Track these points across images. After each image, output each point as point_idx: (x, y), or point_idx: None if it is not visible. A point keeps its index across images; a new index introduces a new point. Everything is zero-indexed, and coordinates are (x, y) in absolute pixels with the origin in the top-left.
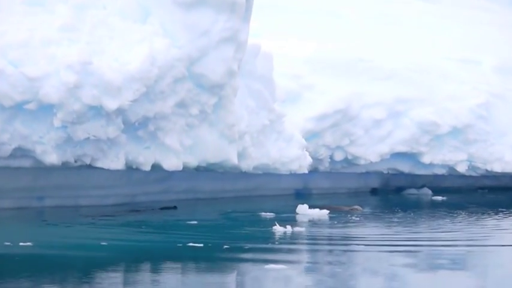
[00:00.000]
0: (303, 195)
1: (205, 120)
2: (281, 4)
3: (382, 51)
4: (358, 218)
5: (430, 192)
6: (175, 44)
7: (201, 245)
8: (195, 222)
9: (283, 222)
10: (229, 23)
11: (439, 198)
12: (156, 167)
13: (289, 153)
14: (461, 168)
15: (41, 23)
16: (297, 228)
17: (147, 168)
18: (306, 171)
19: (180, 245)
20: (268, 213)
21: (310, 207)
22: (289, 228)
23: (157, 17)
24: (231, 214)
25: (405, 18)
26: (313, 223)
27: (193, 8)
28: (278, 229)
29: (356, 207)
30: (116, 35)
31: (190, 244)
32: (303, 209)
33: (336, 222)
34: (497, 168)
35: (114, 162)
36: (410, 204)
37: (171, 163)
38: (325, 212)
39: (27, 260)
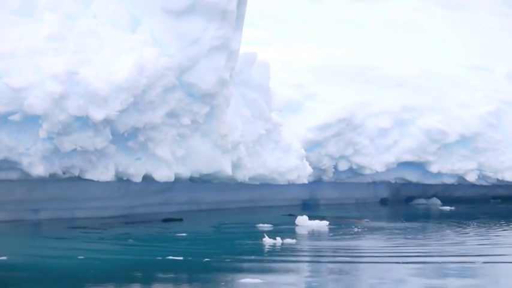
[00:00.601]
0: (309, 206)
1: (198, 130)
2: (293, 12)
3: (391, 59)
4: (359, 230)
5: (439, 202)
6: (165, 52)
7: (181, 258)
8: (185, 234)
9: (281, 234)
10: (220, 31)
11: (447, 208)
12: (150, 178)
13: (287, 163)
14: (471, 178)
15: (28, 33)
16: (287, 240)
17: (138, 179)
18: (306, 182)
19: (160, 258)
20: (266, 225)
21: (316, 218)
22: (279, 240)
23: (148, 25)
24: (227, 226)
25: (418, 25)
26: (310, 235)
27: (183, 16)
28: (267, 241)
29: (366, 220)
30: (105, 44)
31: (170, 257)
32: (302, 221)
33: (332, 234)
34: (509, 177)
35: (104, 173)
36: (417, 215)
37: (163, 174)
38: (325, 223)
39: None
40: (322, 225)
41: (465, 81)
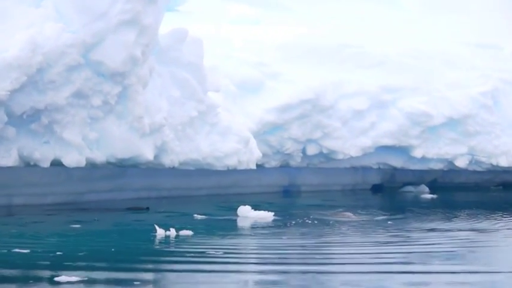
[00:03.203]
0: (290, 193)
1: (111, 112)
2: None
3: (378, 37)
4: (310, 222)
5: (427, 189)
6: (68, 28)
7: (27, 251)
8: (78, 226)
9: (218, 226)
10: (129, 5)
11: (429, 196)
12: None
13: (224, 147)
14: (461, 163)
15: None
16: (184, 232)
17: (46, 164)
18: (254, 167)
19: (5, 251)
20: (201, 216)
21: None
22: (173, 232)
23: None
24: (148, 216)
25: (432, 3)
26: (240, 228)
27: None
28: (160, 233)
29: (344, 213)
30: (6, 19)
31: (15, 250)
32: (244, 211)
33: (262, 228)
34: (504, 162)
35: (6, 158)
36: (391, 204)
37: (73, 159)
38: (270, 214)
39: None
40: (267, 216)
41: (463, 60)
